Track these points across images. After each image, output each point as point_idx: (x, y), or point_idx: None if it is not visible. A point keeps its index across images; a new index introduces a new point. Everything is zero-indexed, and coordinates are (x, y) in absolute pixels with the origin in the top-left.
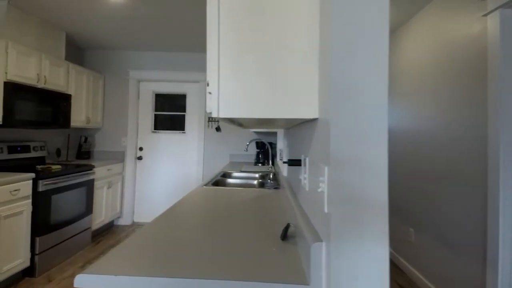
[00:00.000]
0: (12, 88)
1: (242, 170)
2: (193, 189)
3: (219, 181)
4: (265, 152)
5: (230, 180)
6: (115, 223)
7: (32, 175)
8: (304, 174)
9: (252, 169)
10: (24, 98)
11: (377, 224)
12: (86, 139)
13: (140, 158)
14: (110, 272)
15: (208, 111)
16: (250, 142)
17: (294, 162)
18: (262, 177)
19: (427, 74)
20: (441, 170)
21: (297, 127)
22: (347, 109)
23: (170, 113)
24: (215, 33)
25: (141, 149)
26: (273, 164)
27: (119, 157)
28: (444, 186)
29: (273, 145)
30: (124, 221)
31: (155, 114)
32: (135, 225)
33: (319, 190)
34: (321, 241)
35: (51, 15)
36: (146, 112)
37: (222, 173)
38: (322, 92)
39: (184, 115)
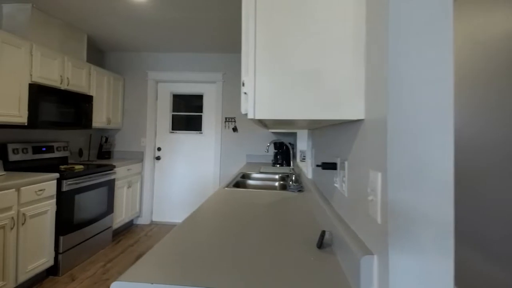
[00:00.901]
0: (37, 89)
1: (261, 171)
2: (215, 191)
3: (240, 182)
4: (283, 152)
5: (250, 182)
6: (134, 222)
7: (57, 175)
8: (343, 178)
9: (270, 170)
10: (48, 99)
11: (441, 238)
12: (106, 139)
13: (158, 158)
14: (145, 280)
15: (243, 112)
16: (270, 143)
17: (328, 166)
18: (282, 178)
19: (461, 75)
20: (469, 177)
21: (328, 128)
22: (408, 109)
23: (187, 114)
24: (252, 30)
25: (159, 149)
26: (292, 165)
27: (138, 157)
28: (473, 194)
29: (291, 146)
30: (143, 220)
31: (172, 115)
32: (153, 225)
33: (370, 198)
34: (372, 254)
35: (74, 18)
36: (164, 113)
37: (241, 174)
38: (371, 91)
39: (201, 116)
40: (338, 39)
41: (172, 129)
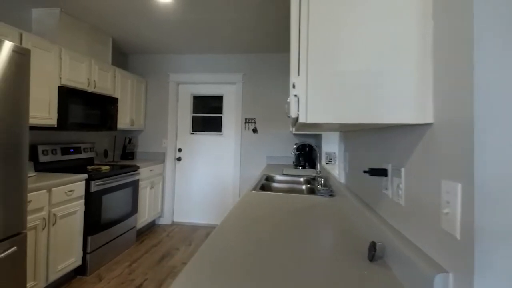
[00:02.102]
0: (66, 92)
1: (284, 173)
2: (243, 194)
3: (265, 185)
4: (305, 154)
5: (275, 184)
6: (156, 222)
7: (85, 176)
8: (399, 186)
9: (294, 172)
10: (76, 101)
11: None
12: (130, 140)
13: (179, 159)
14: None
15: (292, 115)
16: (297, 145)
17: (377, 172)
18: (307, 181)
19: None
20: None
21: (370, 131)
22: (500, 111)
23: (207, 115)
24: (304, 28)
25: (180, 150)
26: (314, 167)
27: (160, 158)
28: None
29: (314, 147)
30: (164, 220)
31: (193, 116)
32: (174, 225)
33: (445, 211)
34: (446, 272)
35: (100, 22)
36: (185, 114)
37: (265, 177)
38: (444, 93)
39: (220, 117)
40: (400, 36)
41: (193, 130)
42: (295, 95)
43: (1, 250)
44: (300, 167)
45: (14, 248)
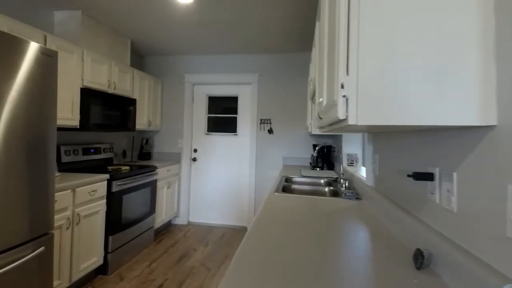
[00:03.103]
0: (88, 93)
1: (303, 175)
2: (267, 197)
3: (286, 186)
4: (323, 155)
5: (295, 186)
6: (172, 222)
7: (107, 176)
8: (450, 191)
9: (312, 173)
10: (97, 103)
11: None
12: (147, 141)
13: (194, 159)
14: None
15: (341, 117)
16: (318, 147)
17: (423, 176)
18: (329, 183)
19: None
20: None
21: (408, 133)
22: None
23: (222, 115)
24: (355, 23)
25: (195, 150)
26: (333, 168)
27: (176, 158)
28: None
29: (332, 148)
30: (180, 220)
31: (208, 117)
32: (190, 225)
33: None
34: None
35: (119, 24)
36: (200, 115)
37: (284, 178)
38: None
39: (236, 117)
40: (462, 29)
41: (208, 131)
42: (344, 96)
43: (29, 250)
44: (318, 169)
45: (42, 248)
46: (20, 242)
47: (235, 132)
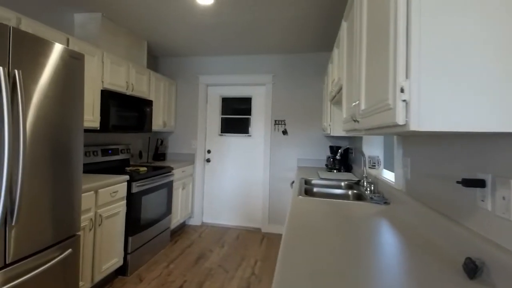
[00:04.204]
0: (107, 95)
1: (321, 177)
2: (292, 200)
3: (308, 189)
4: (341, 157)
5: (317, 189)
6: (186, 223)
7: (127, 177)
8: (506, 199)
9: (330, 176)
10: (116, 104)
11: None
12: (162, 142)
13: (208, 160)
14: None
15: (400, 122)
16: (342, 149)
17: (473, 183)
18: (349, 186)
19: None
20: None
21: (448, 137)
22: None
23: (236, 116)
24: (416, 21)
25: (209, 151)
26: (350, 170)
27: (190, 159)
28: None
29: (350, 150)
30: (194, 221)
31: (221, 118)
32: (204, 226)
33: None
34: None
35: (137, 26)
36: (214, 116)
37: (303, 180)
38: None
39: (249, 118)
40: None
41: (221, 132)
42: (404, 100)
43: (58, 253)
44: (335, 171)
45: (70, 250)
46: (48, 244)
47: (249, 133)
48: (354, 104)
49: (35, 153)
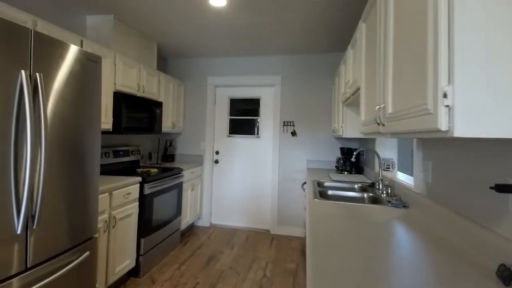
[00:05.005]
0: (120, 97)
1: (333, 179)
2: (308, 203)
3: (322, 192)
4: (351, 159)
5: (331, 192)
6: (195, 224)
7: (139, 178)
8: None
9: (341, 178)
10: (128, 106)
11: None
12: (171, 143)
13: (216, 161)
14: None
15: (443, 128)
16: (357, 152)
17: (508, 188)
18: (363, 189)
19: None
20: None
21: (473, 141)
22: None
23: (244, 118)
24: (459, 23)
25: (217, 152)
26: (361, 172)
27: (198, 160)
28: None
29: (361, 152)
30: (203, 222)
31: (230, 119)
32: (212, 227)
33: None
34: None
35: (148, 28)
36: (222, 117)
37: (316, 182)
38: None
39: (258, 119)
40: None
41: (230, 133)
42: (447, 106)
43: (77, 255)
44: (345, 172)
45: (88, 253)
46: (67, 247)
47: (257, 134)
48: (378, 107)
49: (54, 156)
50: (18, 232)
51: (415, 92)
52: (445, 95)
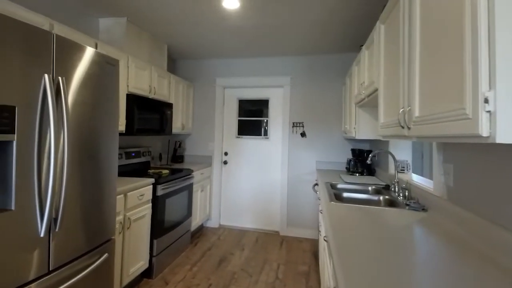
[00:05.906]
0: (132, 99)
1: (346, 181)
2: (325, 206)
3: (336, 194)
4: (363, 160)
5: (345, 194)
6: (204, 225)
7: (152, 180)
8: None
9: (353, 179)
10: (140, 108)
11: None
12: (180, 144)
13: (225, 162)
14: None
15: (484, 134)
16: (373, 154)
17: None
18: (377, 191)
19: None
20: None
21: (499, 145)
22: None
23: (253, 118)
24: (502, 25)
25: (226, 153)
26: (373, 174)
27: (207, 161)
28: None
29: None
30: (212, 223)
31: (238, 120)
32: (222, 228)
33: None
34: None
35: (160, 30)
36: (231, 118)
37: (329, 184)
38: None
39: (267, 120)
40: None
41: (238, 134)
42: (488, 111)
43: (96, 257)
44: (357, 174)
45: (106, 255)
46: (87, 249)
47: (266, 135)
48: (402, 110)
49: (75, 159)
50: (42, 235)
51: (449, 96)
52: (486, 101)
